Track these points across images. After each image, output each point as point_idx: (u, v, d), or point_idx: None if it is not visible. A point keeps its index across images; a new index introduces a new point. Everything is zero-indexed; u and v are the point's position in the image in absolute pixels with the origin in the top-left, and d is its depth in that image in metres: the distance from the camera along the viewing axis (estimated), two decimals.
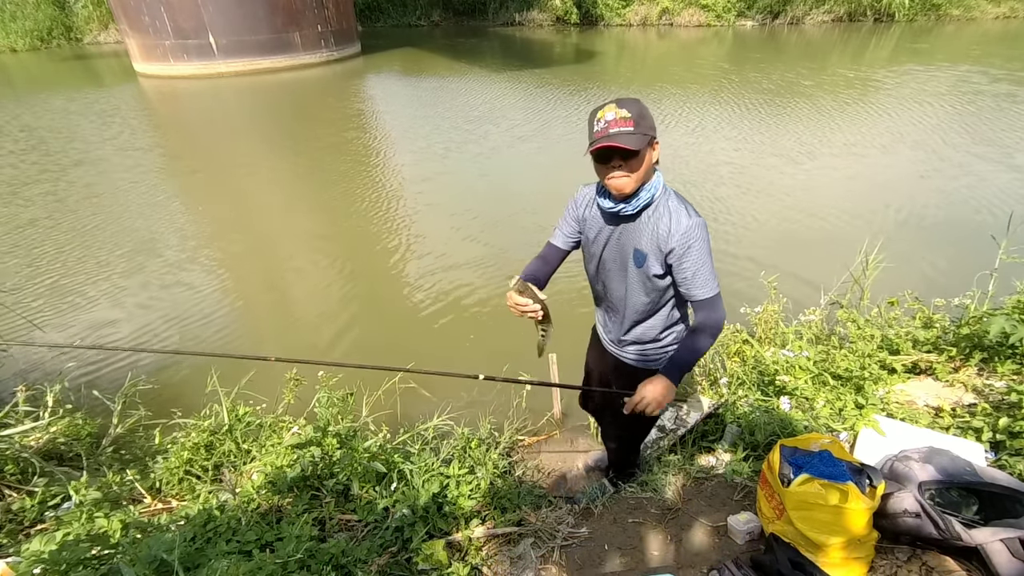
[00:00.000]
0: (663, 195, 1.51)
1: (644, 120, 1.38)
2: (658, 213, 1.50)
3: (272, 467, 1.93)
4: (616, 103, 1.39)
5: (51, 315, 4.06)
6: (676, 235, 1.46)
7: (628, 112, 1.36)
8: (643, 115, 1.39)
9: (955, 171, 5.94)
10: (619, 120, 1.36)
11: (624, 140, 1.35)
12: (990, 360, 2.29)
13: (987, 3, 16.14)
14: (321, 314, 4.09)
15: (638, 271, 1.58)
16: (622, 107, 1.37)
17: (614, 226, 1.58)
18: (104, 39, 19.01)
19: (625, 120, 1.36)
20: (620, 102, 1.39)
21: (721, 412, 2.46)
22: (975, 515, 1.56)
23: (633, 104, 1.39)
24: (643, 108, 1.39)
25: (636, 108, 1.38)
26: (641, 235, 1.53)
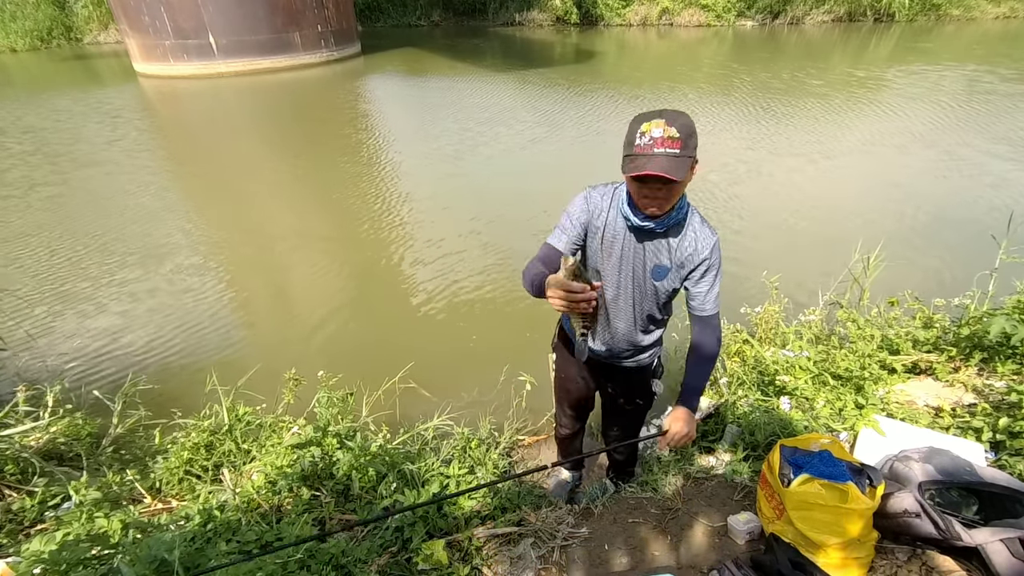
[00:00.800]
0: (689, 212, 1.48)
1: (691, 140, 1.28)
2: (683, 230, 1.47)
3: (272, 467, 1.93)
4: (665, 119, 1.26)
5: (56, 321, 4.06)
6: (702, 253, 1.47)
7: (677, 132, 1.25)
8: (691, 135, 1.28)
9: (973, 170, 5.92)
10: (666, 140, 1.25)
11: (669, 167, 1.25)
12: (990, 360, 2.29)
13: (987, 3, 16.14)
14: (323, 314, 4.09)
15: (656, 284, 1.56)
16: (672, 124, 1.25)
17: (636, 238, 1.51)
18: (104, 39, 19.01)
19: (673, 141, 1.25)
20: (669, 117, 1.27)
21: (721, 412, 2.46)
22: (975, 515, 1.56)
23: (683, 121, 1.27)
24: (692, 126, 1.29)
25: (686, 127, 1.27)
26: (664, 251, 1.50)
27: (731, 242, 4.74)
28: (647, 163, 1.26)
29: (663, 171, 1.24)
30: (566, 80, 11.28)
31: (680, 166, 1.26)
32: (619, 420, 2.05)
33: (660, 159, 1.25)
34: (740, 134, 7.50)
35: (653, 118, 1.28)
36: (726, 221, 5.11)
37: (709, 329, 1.56)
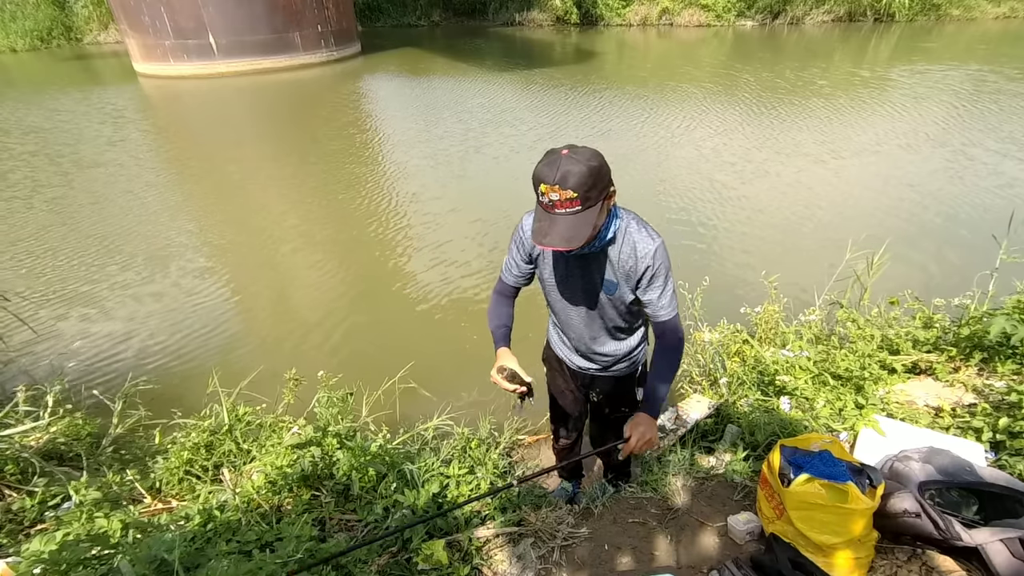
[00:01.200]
0: (624, 222, 1.47)
1: (595, 186, 1.26)
2: (620, 241, 1.47)
3: (272, 467, 1.93)
4: (559, 182, 1.22)
5: (56, 321, 4.06)
6: (643, 261, 1.45)
7: (573, 192, 1.23)
8: (594, 182, 1.25)
9: (983, 170, 5.91)
10: (563, 202, 1.25)
11: (571, 233, 1.26)
12: (990, 360, 2.29)
13: (987, 3, 16.13)
14: (324, 314, 4.09)
15: (610, 298, 1.58)
16: (566, 185, 1.22)
17: (578, 260, 1.54)
18: (104, 39, 19.01)
19: (571, 201, 1.25)
20: (562, 175, 1.22)
21: (721, 412, 2.46)
22: (975, 515, 1.56)
23: (578, 172, 1.23)
24: (592, 170, 1.24)
25: (582, 178, 1.23)
26: (607, 265, 1.51)
27: (738, 242, 4.75)
28: (550, 229, 1.28)
29: (564, 242, 1.27)
30: (569, 80, 11.27)
31: (585, 221, 1.28)
32: (606, 429, 2.06)
33: (563, 223, 1.27)
34: (747, 133, 7.50)
35: (547, 179, 1.25)
36: (733, 221, 5.10)
37: (667, 333, 1.55)
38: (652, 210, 5.35)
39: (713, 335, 2.89)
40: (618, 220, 1.46)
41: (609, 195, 1.34)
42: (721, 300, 3.53)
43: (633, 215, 1.51)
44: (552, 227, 1.28)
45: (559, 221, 1.27)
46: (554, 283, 1.64)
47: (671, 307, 1.52)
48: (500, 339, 1.69)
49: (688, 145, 7.20)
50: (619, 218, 1.47)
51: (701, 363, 2.88)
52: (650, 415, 1.56)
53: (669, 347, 1.56)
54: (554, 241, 1.27)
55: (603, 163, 1.29)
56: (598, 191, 1.28)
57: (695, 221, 5.12)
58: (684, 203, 5.49)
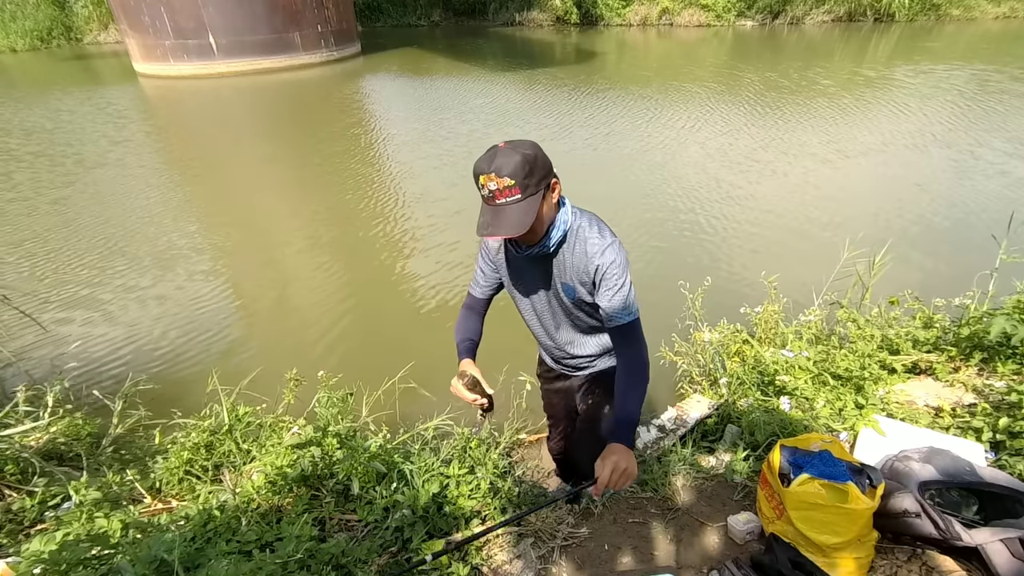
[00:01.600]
0: (575, 222, 1.43)
1: (533, 174, 1.25)
2: (572, 242, 1.43)
3: (272, 467, 1.93)
4: (494, 170, 1.23)
5: (56, 321, 4.05)
6: (594, 261, 1.39)
7: (511, 179, 1.22)
8: (531, 169, 1.24)
9: (991, 170, 5.90)
10: (502, 191, 1.24)
11: (515, 221, 1.25)
12: (990, 360, 2.29)
13: (987, 3, 16.14)
14: (325, 314, 4.09)
15: (572, 302, 1.54)
16: (502, 173, 1.22)
17: (535, 265, 1.51)
18: (104, 39, 19.02)
19: (510, 189, 1.24)
20: (498, 164, 1.23)
21: (721, 412, 2.46)
22: (975, 515, 1.56)
23: (513, 162, 1.23)
24: (529, 157, 1.24)
25: (518, 166, 1.23)
26: (564, 269, 1.47)
27: (744, 242, 4.75)
28: (493, 220, 1.27)
29: (509, 230, 1.24)
30: (572, 80, 11.24)
31: (527, 210, 1.26)
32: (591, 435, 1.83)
33: (505, 213, 1.26)
34: (752, 133, 7.50)
35: (483, 170, 1.25)
36: (740, 221, 5.09)
37: (627, 342, 1.43)
38: (657, 210, 5.36)
39: (713, 335, 2.89)
40: (570, 219, 1.42)
41: (551, 186, 1.33)
42: (722, 300, 3.53)
43: (589, 215, 1.46)
44: (495, 217, 1.27)
45: (501, 212, 1.26)
46: (515, 291, 1.63)
47: (626, 311, 1.41)
48: (464, 351, 1.62)
49: (694, 145, 7.19)
50: (572, 217, 1.43)
51: (701, 363, 2.88)
52: (623, 443, 1.35)
53: (629, 358, 1.43)
54: (498, 230, 1.25)
55: (539, 152, 1.28)
56: (537, 179, 1.27)
57: (700, 221, 5.11)
58: (689, 203, 5.48)
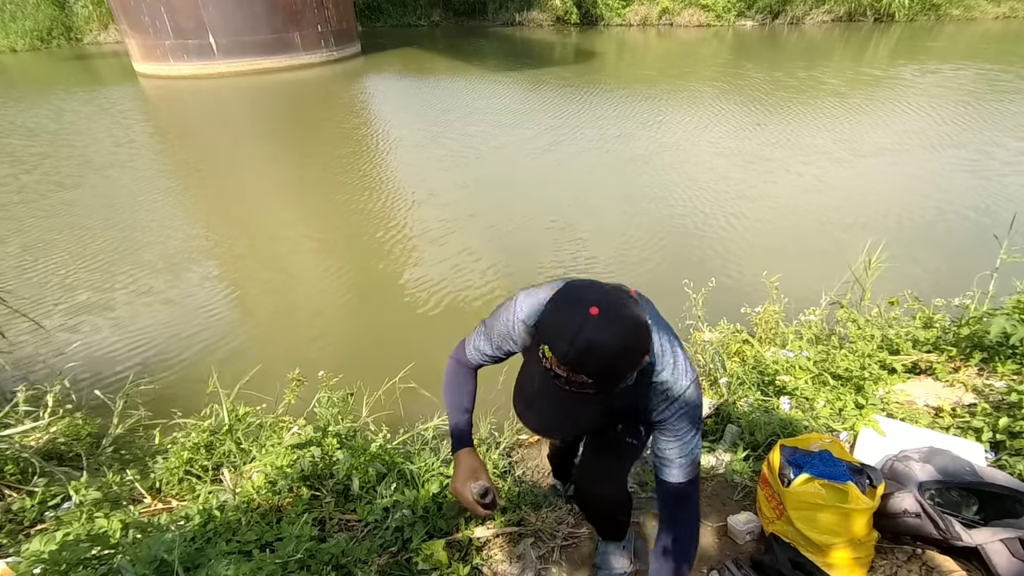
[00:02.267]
0: (655, 374, 1.07)
1: (622, 373, 0.91)
2: (647, 379, 1.08)
3: (272, 467, 1.93)
4: (573, 363, 0.85)
5: (56, 322, 4.06)
6: (659, 404, 1.08)
7: (587, 376, 0.86)
8: (622, 368, 0.89)
9: (1006, 170, 5.88)
10: (571, 381, 0.88)
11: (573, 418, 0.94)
12: (990, 360, 2.29)
13: (987, 3, 16.13)
14: (326, 314, 4.09)
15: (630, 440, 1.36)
16: (583, 370, 0.86)
17: None
18: (104, 39, 19.00)
19: (582, 385, 0.89)
20: (580, 354, 0.84)
21: (721, 412, 2.46)
22: (975, 515, 1.56)
23: (605, 354, 0.85)
24: (625, 351, 0.87)
25: (609, 363, 0.86)
26: (639, 399, 1.11)
27: (750, 241, 4.74)
28: (538, 400, 0.95)
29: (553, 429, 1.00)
30: (579, 80, 11.19)
31: (592, 406, 0.93)
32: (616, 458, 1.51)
33: (557, 400, 0.91)
34: (762, 133, 7.47)
35: (557, 349, 0.86)
36: (746, 221, 5.08)
37: (680, 506, 1.13)
38: (665, 211, 5.35)
39: (713, 335, 2.89)
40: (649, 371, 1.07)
41: (641, 365, 0.96)
42: (723, 299, 3.53)
43: (661, 331, 1.08)
44: (549, 403, 0.93)
45: (558, 399, 0.91)
46: None
47: (690, 467, 1.10)
48: (460, 434, 1.30)
49: (705, 144, 7.16)
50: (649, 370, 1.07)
51: (701, 363, 2.88)
52: None
53: (682, 528, 1.14)
54: (536, 422, 0.97)
55: (643, 336, 0.90)
56: (625, 376, 0.92)
57: (706, 220, 5.11)
58: (697, 203, 5.46)
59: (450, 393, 1.34)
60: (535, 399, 0.94)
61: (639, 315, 0.90)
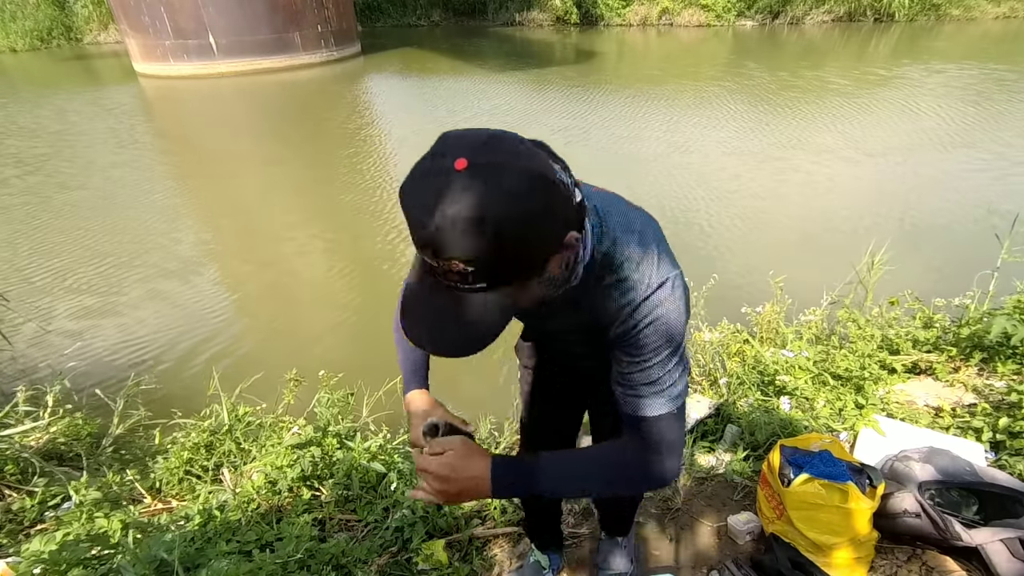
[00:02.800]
0: (606, 245, 0.80)
1: (519, 255, 0.63)
2: (593, 286, 0.82)
3: (272, 467, 1.93)
4: (433, 242, 0.59)
5: (56, 322, 4.06)
6: (625, 310, 0.80)
7: (465, 261, 0.60)
8: (496, 251, 0.60)
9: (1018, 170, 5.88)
10: (451, 273, 0.63)
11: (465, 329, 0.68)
12: (990, 360, 2.29)
13: (987, 3, 16.13)
14: (326, 314, 4.09)
15: (587, 347, 1.03)
16: (443, 250, 0.60)
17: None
18: (104, 39, 19.00)
19: (462, 276, 0.63)
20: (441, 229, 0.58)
21: (721, 412, 2.46)
22: (975, 515, 1.56)
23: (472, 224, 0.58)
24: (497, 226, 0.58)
25: (477, 240, 0.58)
26: (580, 312, 0.86)
27: (762, 241, 4.73)
28: (424, 308, 0.71)
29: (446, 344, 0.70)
30: (584, 80, 11.16)
31: (498, 308, 0.68)
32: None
33: (446, 304, 0.68)
34: (771, 132, 7.47)
35: (416, 223, 0.61)
36: (759, 221, 5.07)
37: (638, 439, 0.85)
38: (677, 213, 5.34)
39: (714, 335, 2.89)
40: (590, 247, 0.79)
41: (561, 248, 0.69)
42: (724, 299, 3.52)
43: (632, 221, 0.83)
44: (430, 305, 0.70)
45: (444, 297, 0.68)
46: (527, 325, 1.11)
47: (661, 397, 0.82)
48: (412, 368, 1.08)
49: (713, 144, 7.14)
50: (605, 241, 0.80)
51: (701, 363, 2.88)
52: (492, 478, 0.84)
53: (629, 452, 0.86)
54: (426, 336, 0.71)
55: (545, 200, 0.62)
56: (527, 260, 0.66)
57: (711, 220, 5.11)
58: (703, 203, 5.46)
59: (397, 329, 1.07)
60: (422, 305, 0.71)
61: (537, 168, 0.62)
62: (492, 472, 0.85)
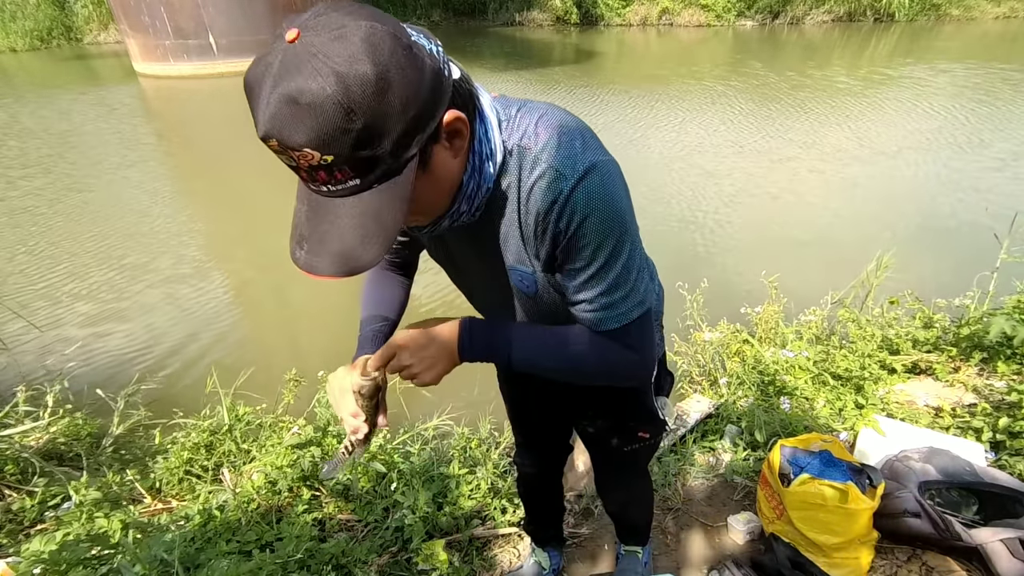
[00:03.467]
0: (514, 140, 0.72)
1: (378, 135, 0.56)
2: (514, 185, 0.72)
3: (272, 467, 1.93)
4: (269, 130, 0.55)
5: (56, 322, 4.06)
6: (554, 210, 0.70)
7: (315, 150, 0.55)
8: (350, 123, 0.53)
9: None
10: (314, 172, 0.59)
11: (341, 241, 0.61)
12: (990, 360, 2.29)
13: (987, 3, 16.13)
14: (326, 314, 4.10)
15: (532, 298, 0.86)
16: (297, 127, 0.53)
17: (460, 238, 0.85)
18: (104, 39, 18.99)
19: (327, 172, 0.58)
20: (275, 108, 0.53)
21: (721, 412, 2.46)
22: (975, 515, 1.56)
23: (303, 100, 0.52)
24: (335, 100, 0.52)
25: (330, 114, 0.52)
26: (507, 241, 0.78)
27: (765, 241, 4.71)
28: (308, 227, 0.64)
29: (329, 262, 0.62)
30: (591, 80, 11.11)
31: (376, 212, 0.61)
32: (617, 468, 1.34)
33: (327, 217, 0.62)
34: (784, 131, 7.45)
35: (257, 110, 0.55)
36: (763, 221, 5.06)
37: (599, 340, 0.79)
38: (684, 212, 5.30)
39: (714, 335, 2.89)
40: (497, 145, 0.71)
41: (441, 131, 0.63)
42: (725, 298, 3.53)
43: (538, 113, 0.74)
44: (312, 222, 0.63)
45: (321, 212, 0.62)
46: (444, 267, 1.01)
47: (625, 304, 0.75)
48: (371, 336, 0.98)
49: (723, 145, 7.10)
50: (506, 136, 0.73)
51: (701, 363, 2.88)
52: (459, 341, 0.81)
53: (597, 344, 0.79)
54: (315, 263, 0.63)
55: (394, 63, 0.55)
56: (392, 138, 0.57)
57: (719, 220, 5.10)
58: (717, 204, 5.44)
59: (366, 303, 1.04)
60: (305, 228, 0.64)
61: (382, 28, 0.55)
62: (460, 325, 0.81)
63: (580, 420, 1.24)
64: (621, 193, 0.73)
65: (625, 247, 0.73)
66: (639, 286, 0.77)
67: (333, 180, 0.59)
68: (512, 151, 0.72)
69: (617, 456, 1.25)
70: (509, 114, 0.74)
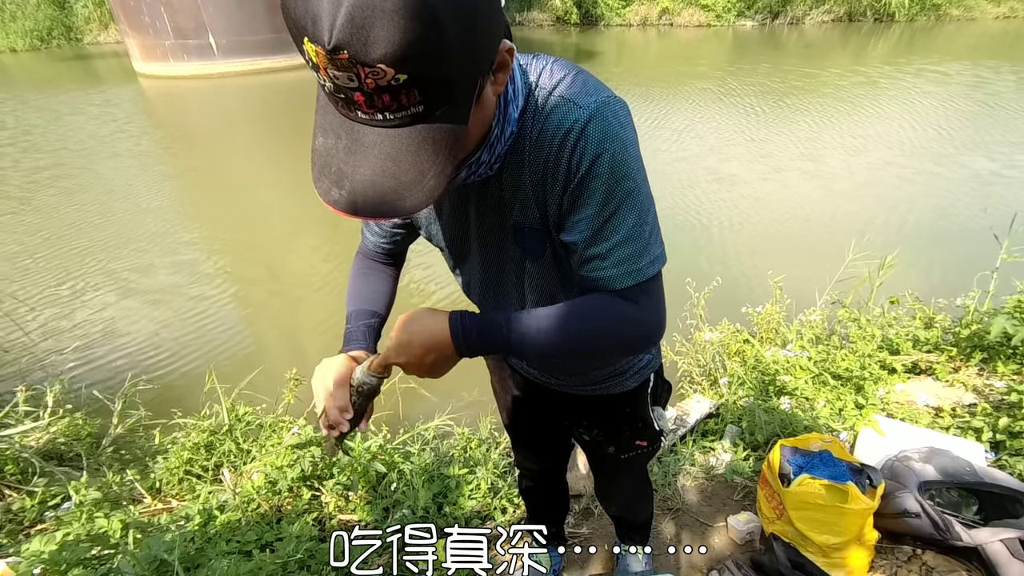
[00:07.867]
0: (535, 80, 0.68)
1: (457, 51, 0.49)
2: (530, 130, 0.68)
3: (272, 467, 1.93)
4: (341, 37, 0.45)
5: (56, 322, 4.06)
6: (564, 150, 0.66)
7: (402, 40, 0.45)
8: (443, 34, 0.47)
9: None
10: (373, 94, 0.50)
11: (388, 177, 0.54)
12: (990, 360, 2.29)
13: (987, 3, 16.14)
14: (325, 314, 4.10)
15: (537, 265, 0.81)
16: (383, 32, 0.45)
17: (465, 198, 0.79)
18: (104, 39, 19.00)
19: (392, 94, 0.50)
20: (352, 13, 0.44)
21: (721, 412, 2.46)
22: (975, 515, 1.56)
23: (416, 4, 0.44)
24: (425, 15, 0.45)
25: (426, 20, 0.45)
26: (511, 193, 0.73)
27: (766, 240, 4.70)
28: (345, 163, 0.56)
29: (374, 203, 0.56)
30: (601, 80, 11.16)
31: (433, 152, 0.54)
32: (618, 474, 1.34)
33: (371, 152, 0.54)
34: (785, 131, 7.45)
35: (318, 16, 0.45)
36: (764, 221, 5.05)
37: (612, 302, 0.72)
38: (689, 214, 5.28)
39: (714, 335, 2.89)
40: (519, 87, 0.67)
41: (498, 63, 0.57)
42: (725, 298, 3.52)
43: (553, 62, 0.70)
44: (356, 156, 0.55)
45: (368, 142, 0.54)
46: (441, 245, 0.91)
47: (630, 260, 0.70)
48: (357, 334, 0.94)
49: (741, 146, 7.10)
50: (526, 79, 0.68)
51: (702, 363, 2.88)
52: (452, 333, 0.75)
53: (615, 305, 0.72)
54: (354, 199, 0.57)
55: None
56: (472, 62, 0.53)
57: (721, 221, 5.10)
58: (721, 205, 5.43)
59: (352, 295, 0.99)
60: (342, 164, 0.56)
61: None
62: (450, 322, 0.74)
63: (576, 428, 1.21)
64: (634, 136, 0.68)
65: (639, 194, 0.68)
66: (654, 242, 0.71)
67: (396, 105, 0.51)
68: (528, 92, 0.68)
69: (614, 463, 1.25)
70: (525, 59, 0.71)
